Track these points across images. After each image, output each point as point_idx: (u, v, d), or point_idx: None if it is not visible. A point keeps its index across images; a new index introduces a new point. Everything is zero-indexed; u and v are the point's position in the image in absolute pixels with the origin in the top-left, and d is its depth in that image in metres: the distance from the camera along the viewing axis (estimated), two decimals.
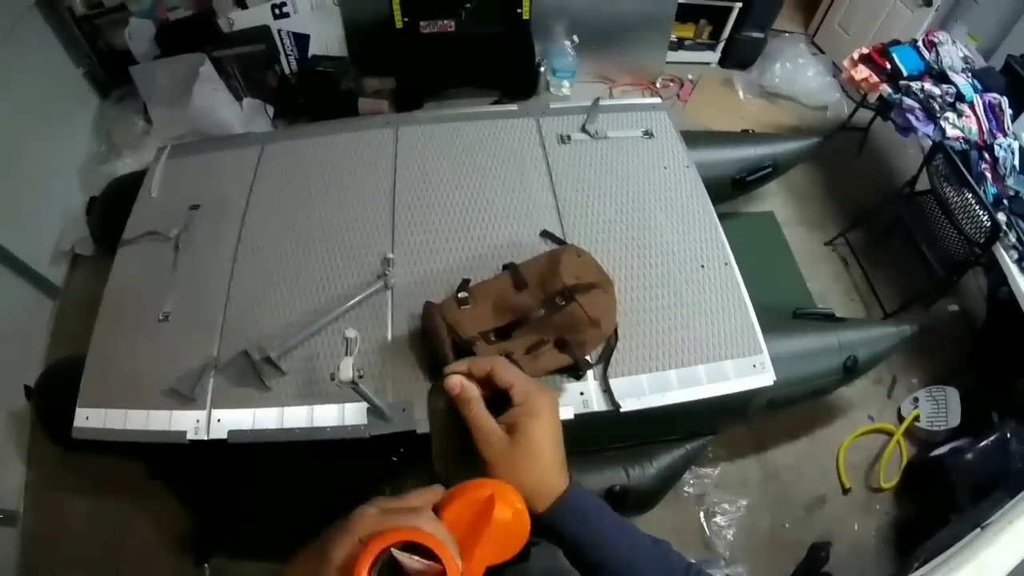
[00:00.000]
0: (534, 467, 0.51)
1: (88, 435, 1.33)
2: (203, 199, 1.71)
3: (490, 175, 1.71)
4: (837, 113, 2.87)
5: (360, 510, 0.42)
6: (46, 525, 1.82)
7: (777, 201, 2.58)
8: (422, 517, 0.42)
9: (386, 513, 0.42)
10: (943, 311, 2.30)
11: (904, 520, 1.87)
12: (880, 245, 2.42)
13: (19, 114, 2.10)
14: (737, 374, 1.38)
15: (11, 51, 2.06)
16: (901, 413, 2.05)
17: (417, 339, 1.39)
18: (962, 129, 2.05)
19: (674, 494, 1.74)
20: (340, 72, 2.48)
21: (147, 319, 1.48)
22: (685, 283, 1.50)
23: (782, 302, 1.84)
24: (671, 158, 1.76)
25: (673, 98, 2.96)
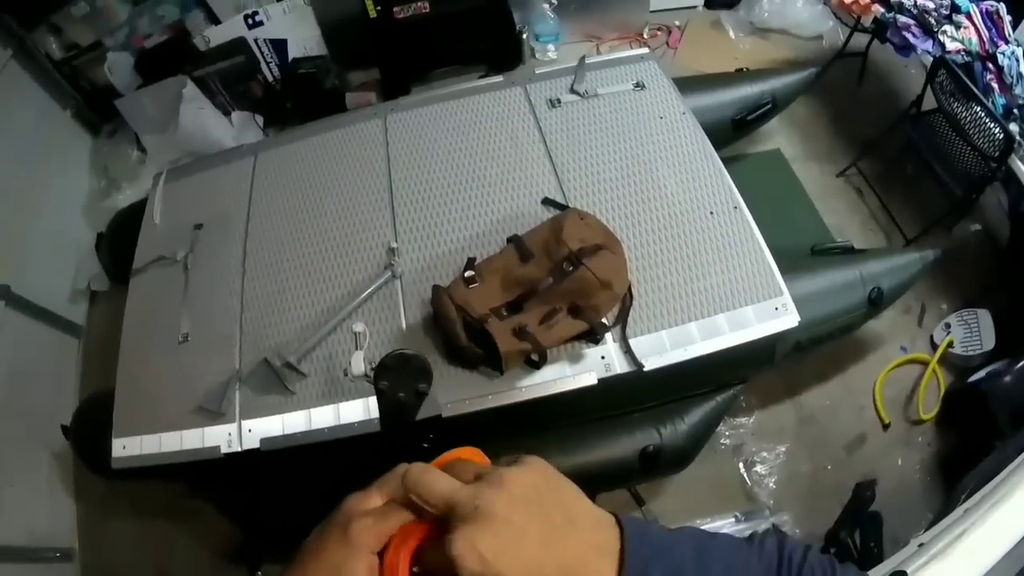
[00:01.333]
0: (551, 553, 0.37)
1: (127, 463, 1.37)
2: (205, 217, 1.72)
3: (483, 150, 1.69)
4: (832, 41, 2.77)
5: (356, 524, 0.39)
6: (101, 556, 1.88)
7: (782, 139, 2.50)
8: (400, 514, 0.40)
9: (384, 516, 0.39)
10: (966, 232, 2.23)
11: (947, 451, 1.83)
12: (893, 171, 2.35)
13: (15, 165, 2.13)
14: (759, 319, 1.35)
15: None
16: (934, 341, 2.00)
17: (431, 325, 1.38)
18: (962, 41, 1.96)
19: (710, 448, 1.72)
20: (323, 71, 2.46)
21: (167, 343, 1.51)
22: (695, 232, 1.47)
23: (799, 240, 1.80)
24: (666, 107, 1.72)
25: (663, 47, 2.88)
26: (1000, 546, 0.81)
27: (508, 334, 1.26)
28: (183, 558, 1.84)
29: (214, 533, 1.81)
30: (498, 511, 0.36)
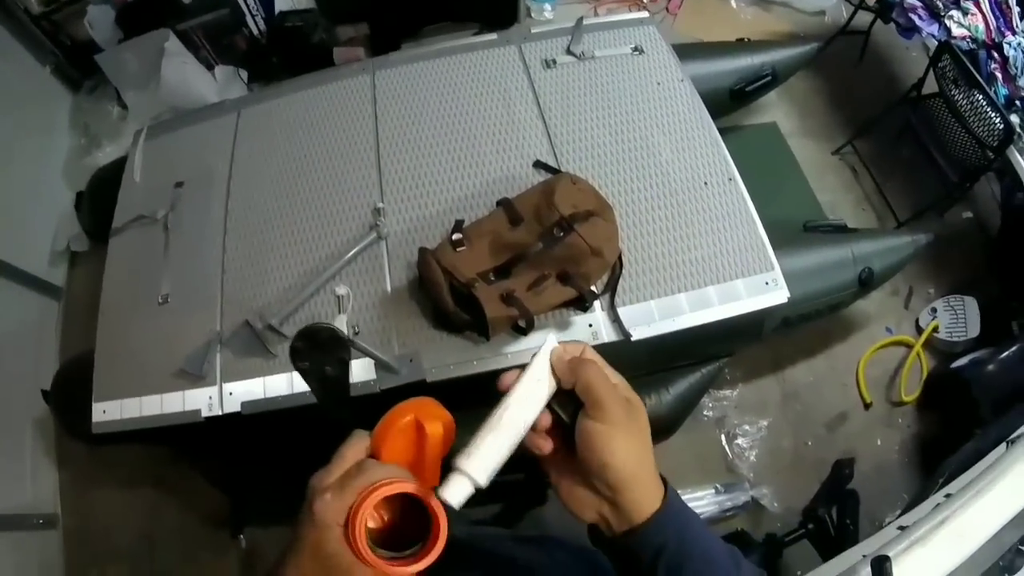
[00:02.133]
0: (622, 444, 0.46)
1: (108, 428, 1.35)
2: (186, 175, 1.67)
3: (475, 109, 1.64)
4: (835, 17, 2.72)
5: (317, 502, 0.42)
6: (84, 522, 1.87)
7: (779, 112, 2.47)
8: (371, 471, 0.43)
9: (341, 488, 0.42)
10: (958, 218, 2.23)
11: (927, 434, 1.86)
12: (890, 152, 2.33)
13: None
14: (749, 293, 1.35)
15: None
16: (919, 324, 2.01)
17: (417, 288, 1.36)
18: (968, 28, 1.94)
19: (694, 419, 1.74)
20: (310, 25, 2.37)
21: (147, 304, 1.48)
22: (688, 202, 1.45)
23: (792, 216, 1.79)
24: (664, 73, 1.68)
25: (662, 12, 2.81)
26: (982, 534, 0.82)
27: (495, 299, 1.24)
28: (167, 522, 1.84)
29: (198, 497, 1.81)
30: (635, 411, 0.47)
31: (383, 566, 0.41)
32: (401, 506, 0.45)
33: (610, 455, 0.44)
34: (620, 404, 0.46)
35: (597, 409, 0.45)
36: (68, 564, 1.81)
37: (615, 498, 0.45)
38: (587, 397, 0.45)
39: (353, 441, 0.47)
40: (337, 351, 0.54)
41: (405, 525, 0.45)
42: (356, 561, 0.41)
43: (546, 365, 0.47)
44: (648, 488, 0.46)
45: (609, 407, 0.45)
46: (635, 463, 0.45)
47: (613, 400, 0.45)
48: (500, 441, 0.44)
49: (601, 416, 0.45)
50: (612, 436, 0.45)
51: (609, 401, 0.45)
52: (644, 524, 0.45)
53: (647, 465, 0.46)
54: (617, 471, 0.44)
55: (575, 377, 0.46)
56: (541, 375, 0.47)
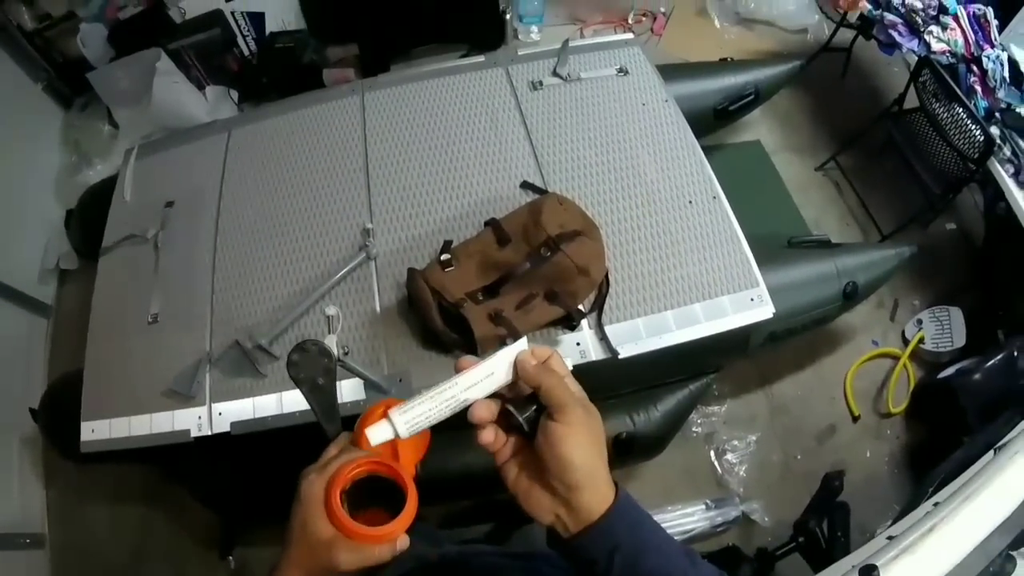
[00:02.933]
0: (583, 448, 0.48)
1: (96, 447, 1.34)
2: (176, 195, 1.68)
3: (463, 131, 1.66)
4: (817, 35, 2.77)
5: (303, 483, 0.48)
6: (72, 541, 1.85)
7: (763, 129, 2.51)
8: (349, 454, 0.50)
9: (323, 468, 0.48)
10: (941, 230, 2.26)
11: (916, 444, 1.87)
12: (872, 167, 2.37)
13: None
14: (735, 309, 1.36)
15: None
16: (905, 336, 2.04)
17: (406, 308, 1.37)
18: (947, 42, 1.97)
19: (682, 436, 1.74)
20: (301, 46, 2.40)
21: (137, 323, 1.48)
22: (674, 221, 1.47)
23: (776, 232, 1.81)
24: (648, 94, 1.71)
25: (647, 33, 2.86)
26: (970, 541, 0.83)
27: (484, 319, 1.25)
28: (156, 541, 1.82)
29: (188, 516, 1.79)
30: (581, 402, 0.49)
31: (357, 528, 0.45)
32: (378, 494, 0.49)
33: (570, 454, 0.46)
34: (581, 407, 0.48)
35: (560, 411, 0.47)
36: None
37: (571, 498, 0.47)
38: (550, 400, 0.47)
39: (338, 439, 0.54)
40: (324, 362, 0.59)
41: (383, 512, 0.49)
42: (337, 535, 0.45)
43: (506, 363, 0.49)
44: (602, 489, 0.48)
45: (571, 409, 0.47)
46: (592, 463, 0.47)
47: (575, 403, 0.48)
48: (432, 408, 0.47)
49: (564, 418, 0.47)
50: (573, 436, 0.47)
51: (571, 404, 0.47)
52: (598, 521, 0.47)
53: (602, 467, 0.49)
54: (576, 470, 0.46)
55: (539, 381, 0.48)
56: (496, 370, 0.49)
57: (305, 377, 0.57)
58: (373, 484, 0.49)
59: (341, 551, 0.45)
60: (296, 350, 0.58)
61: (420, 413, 0.47)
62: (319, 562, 0.46)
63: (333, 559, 0.46)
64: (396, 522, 0.47)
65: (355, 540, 0.46)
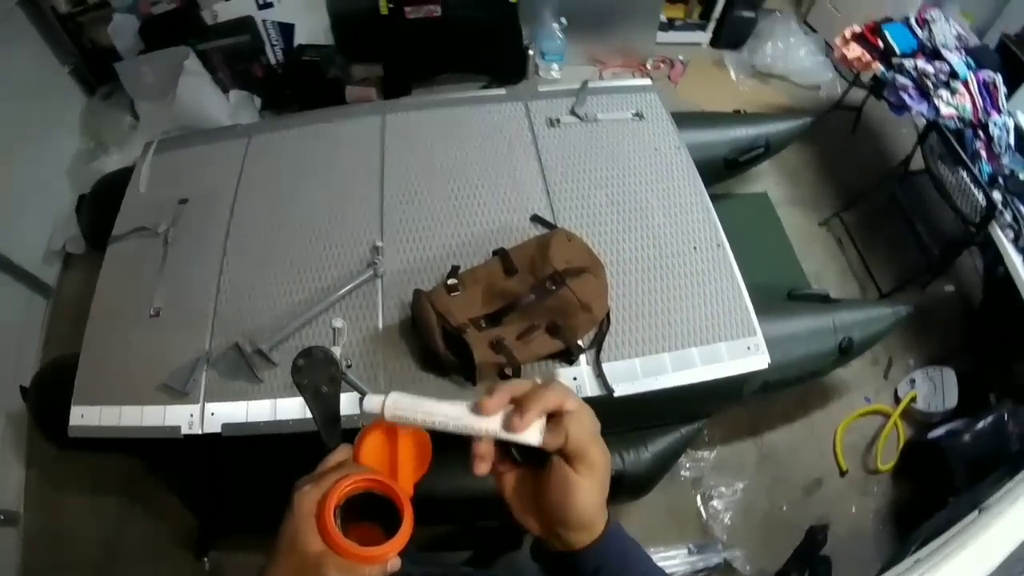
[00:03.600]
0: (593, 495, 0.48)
1: (84, 433, 1.33)
2: (191, 193, 1.70)
3: (479, 160, 1.70)
4: (830, 92, 2.85)
5: (297, 494, 0.45)
6: (46, 525, 1.82)
7: (770, 181, 2.56)
8: (346, 468, 0.48)
9: (319, 481, 0.46)
10: (939, 292, 2.29)
11: (902, 502, 1.87)
12: (875, 225, 2.41)
13: (4, 115, 2.08)
14: (731, 356, 1.38)
15: None
16: (898, 394, 2.05)
17: (408, 328, 1.38)
18: (956, 107, 2.02)
19: (670, 478, 1.74)
20: (326, 61, 2.45)
21: (138, 315, 1.48)
22: (677, 265, 1.49)
23: (776, 283, 1.84)
24: (662, 140, 1.75)
25: (664, 79, 2.93)
26: None
27: (485, 345, 1.26)
28: (132, 535, 1.80)
29: (167, 514, 1.77)
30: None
31: (349, 547, 0.43)
32: (373, 510, 0.48)
33: (579, 502, 0.46)
34: (597, 446, 0.47)
35: (582, 463, 0.46)
36: (25, 565, 1.76)
37: (564, 534, 0.48)
38: (571, 448, 0.46)
39: (337, 451, 0.51)
40: (329, 370, 0.58)
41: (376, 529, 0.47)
42: (327, 551, 0.43)
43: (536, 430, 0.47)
44: (597, 526, 0.48)
45: (594, 461, 0.46)
46: (596, 506, 0.48)
47: (598, 452, 0.47)
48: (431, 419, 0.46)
49: (582, 467, 0.46)
50: (587, 485, 0.46)
51: (591, 450, 0.46)
52: (588, 546, 0.48)
53: (602, 503, 0.49)
54: (580, 516, 0.47)
55: (559, 439, 0.46)
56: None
57: (309, 384, 0.55)
58: (368, 500, 0.48)
59: (330, 568, 0.43)
60: (302, 355, 0.56)
61: (415, 413, 0.46)
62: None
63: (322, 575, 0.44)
64: (391, 543, 0.45)
65: (346, 559, 0.44)
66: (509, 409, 0.46)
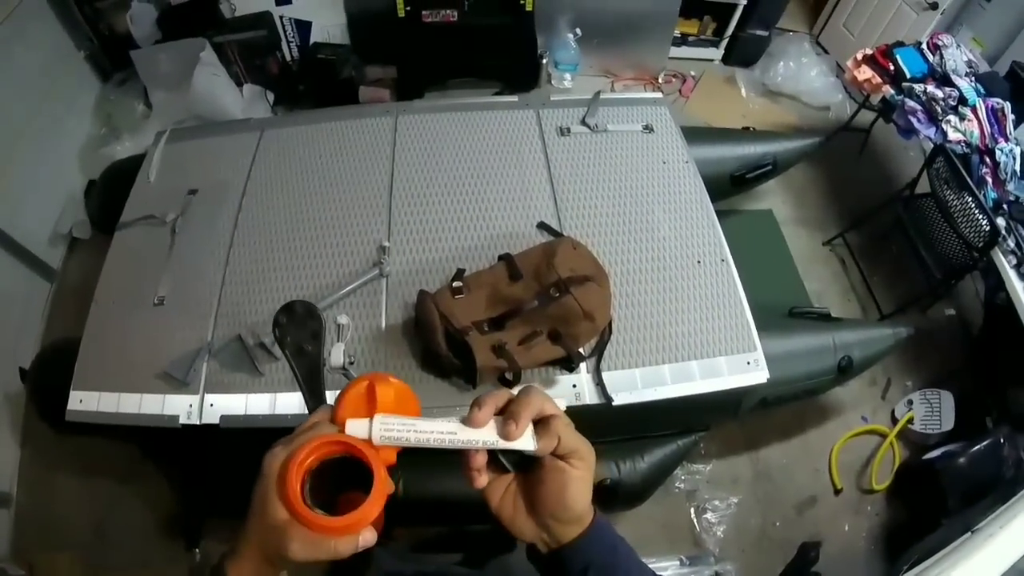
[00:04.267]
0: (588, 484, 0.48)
1: (81, 418, 1.33)
2: (201, 184, 1.70)
3: (488, 165, 1.71)
4: (839, 114, 2.87)
5: (268, 455, 0.43)
6: (38, 506, 1.83)
7: (776, 200, 2.57)
8: (320, 428, 0.44)
9: (288, 442, 0.43)
10: (940, 315, 2.30)
11: (895, 522, 1.87)
12: (879, 247, 2.42)
13: (19, 96, 2.09)
14: (731, 371, 1.38)
15: (12, 34, 2.05)
16: (895, 415, 2.05)
17: (411, 328, 1.39)
18: (964, 132, 2.04)
19: (664, 490, 1.75)
20: (341, 60, 2.47)
21: (142, 303, 1.48)
22: (681, 278, 1.50)
23: (778, 300, 1.84)
24: (671, 153, 1.76)
25: (675, 94, 2.96)
26: None
27: (487, 349, 1.27)
28: (124, 521, 1.80)
29: (159, 502, 1.77)
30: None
31: (310, 516, 0.39)
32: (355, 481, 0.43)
33: (573, 497, 0.47)
34: (585, 445, 0.48)
35: (575, 457, 0.47)
36: (15, 545, 1.76)
37: (559, 529, 0.48)
38: (564, 447, 0.46)
39: (316, 412, 0.47)
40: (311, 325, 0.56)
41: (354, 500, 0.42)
42: (291, 520, 0.40)
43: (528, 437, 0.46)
44: (587, 517, 0.49)
45: (584, 452, 0.47)
46: (587, 501, 0.48)
47: (584, 444, 0.47)
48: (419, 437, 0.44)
49: (580, 463, 0.47)
50: (581, 480, 0.47)
51: (582, 447, 0.47)
52: (575, 540, 0.48)
53: (590, 499, 0.49)
54: (571, 510, 0.47)
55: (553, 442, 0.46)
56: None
57: (291, 340, 0.54)
58: (349, 469, 0.42)
59: (294, 539, 0.40)
60: (283, 311, 0.54)
61: (403, 434, 0.43)
62: (270, 544, 0.41)
63: (284, 547, 0.40)
64: (357, 512, 0.40)
65: (311, 529, 0.39)
66: (499, 420, 0.46)
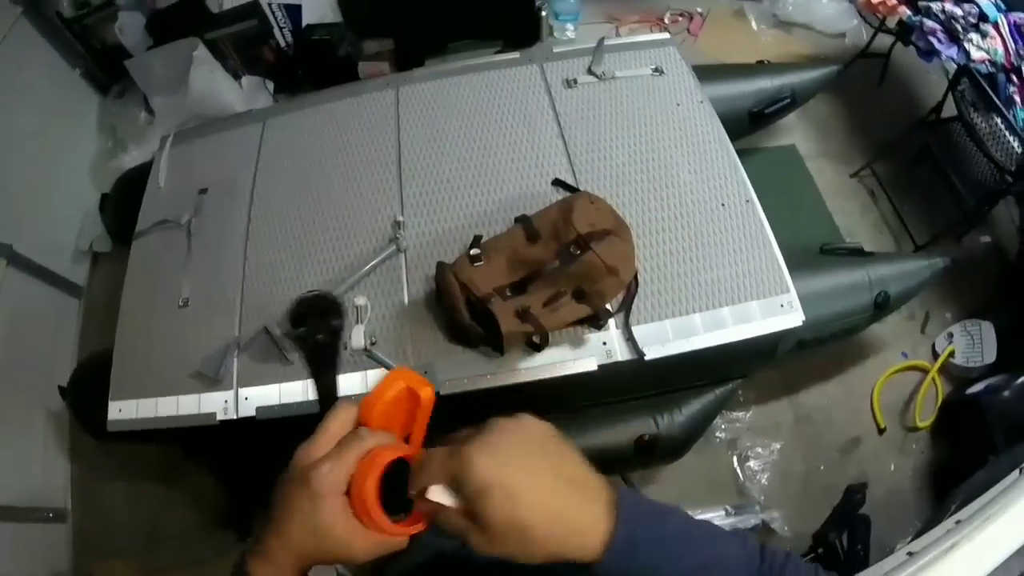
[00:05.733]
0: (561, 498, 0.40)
1: (122, 427, 1.36)
2: (210, 182, 1.70)
3: (496, 127, 1.66)
4: (855, 40, 2.72)
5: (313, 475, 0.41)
6: (92, 516, 1.89)
7: (798, 135, 2.47)
8: (368, 439, 0.43)
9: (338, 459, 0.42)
10: (976, 243, 2.21)
11: (940, 460, 1.83)
12: (908, 176, 2.32)
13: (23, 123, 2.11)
14: (764, 315, 1.34)
15: (6, 63, 2.06)
16: (935, 349, 1.99)
17: (434, 301, 1.37)
18: (987, 51, 1.94)
19: (705, 440, 1.72)
20: (336, 39, 2.42)
21: (167, 307, 1.50)
22: (705, 223, 1.45)
23: (808, 238, 1.78)
24: (684, 94, 1.69)
25: (683, 33, 2.85)
26: (990, 562, 0.80)
27: (511, 315, 1.25)
28: (175, 520, 1.86)
29: (206, 497, 1.82)
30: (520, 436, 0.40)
31: (395, 530, 0.42)
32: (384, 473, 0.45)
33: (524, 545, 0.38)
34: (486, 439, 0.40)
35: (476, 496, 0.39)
36: (75, 558, 1.83)
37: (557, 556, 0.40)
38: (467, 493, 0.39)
39: (338, 412, 0.46)
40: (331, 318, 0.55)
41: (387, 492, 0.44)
42: (354, 530, 0.41)
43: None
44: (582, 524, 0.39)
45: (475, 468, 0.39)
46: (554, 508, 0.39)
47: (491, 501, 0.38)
48: None
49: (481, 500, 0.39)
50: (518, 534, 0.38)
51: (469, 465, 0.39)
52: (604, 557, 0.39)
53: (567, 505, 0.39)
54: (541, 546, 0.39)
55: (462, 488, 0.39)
56: None
57: (306, 332, 0.53)
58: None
59: (359, 541, 0.41)
60: (302, 302, 0.53)
61: None
62: (326, 551, 0.42)
63: (350, 551, 0.42)
64: (422, 514, 0.43)
65: (387, 536, 0.42)
66: None
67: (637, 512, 0.41)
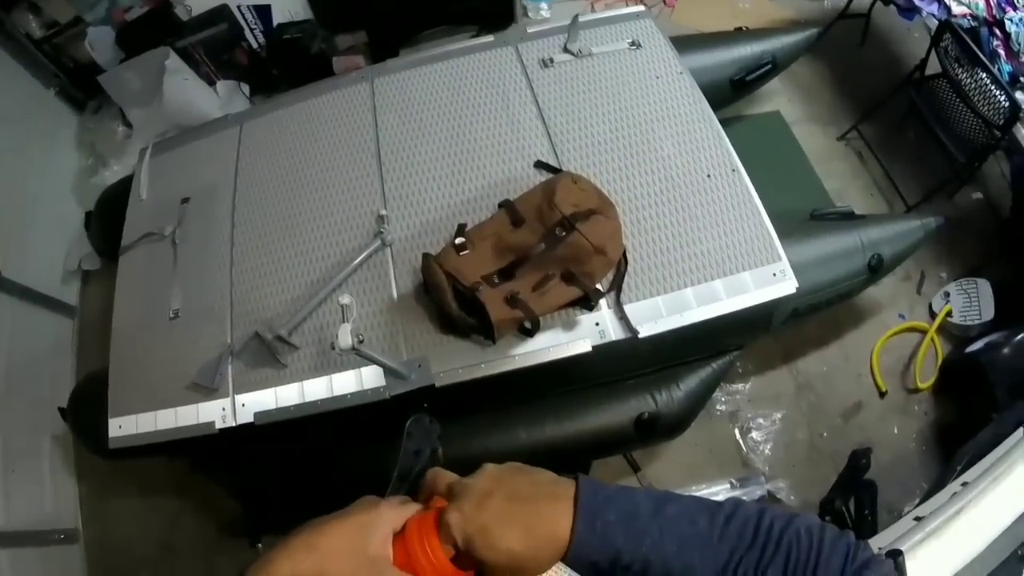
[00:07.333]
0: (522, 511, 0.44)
1: (124, 443, 1.37)
2: (192, 191, 1.69)
3: (474, 112, 1.64)
4: (835, 1, 2.69)
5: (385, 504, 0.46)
6: (104, 534, 1.90)
7: (782, 100, 2.45)
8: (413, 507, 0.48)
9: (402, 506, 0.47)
10: (968, 200, 2.20)
11: (944, 420, 1.83)
12: (895, 136, 2.30)
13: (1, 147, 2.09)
14: (757, 285, 1.33)
15: None
16: (933, 309, 1.98)
17: (422, 293, 1.36)
18: (968, 5, 1.92)
19: (706, 414, 1.72)
20: (309, 36, 2.39)
21: (158, 320, 1.49)
22: (692, 196, 1.44)
23: (798, 205, 1.77)
24: (662, 66, 1.67)
25: (659, 5, 2.80)
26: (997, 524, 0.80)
27: (500, 302, 1.24)
28: (186, 532, 1.86)
29: (216, 506, 1.83)
30: (475, 484, 0.46)
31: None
32: None
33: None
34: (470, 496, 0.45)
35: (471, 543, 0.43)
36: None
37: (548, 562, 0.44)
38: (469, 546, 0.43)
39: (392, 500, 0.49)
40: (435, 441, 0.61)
41: None
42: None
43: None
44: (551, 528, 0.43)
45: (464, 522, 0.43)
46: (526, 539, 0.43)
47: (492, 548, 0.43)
48: None
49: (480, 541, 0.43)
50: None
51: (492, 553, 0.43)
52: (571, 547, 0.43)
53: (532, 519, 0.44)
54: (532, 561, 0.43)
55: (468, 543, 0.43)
56: None
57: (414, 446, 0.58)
58: None
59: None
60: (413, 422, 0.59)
61: None
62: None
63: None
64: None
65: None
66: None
67: (595, 500, 0.44)
